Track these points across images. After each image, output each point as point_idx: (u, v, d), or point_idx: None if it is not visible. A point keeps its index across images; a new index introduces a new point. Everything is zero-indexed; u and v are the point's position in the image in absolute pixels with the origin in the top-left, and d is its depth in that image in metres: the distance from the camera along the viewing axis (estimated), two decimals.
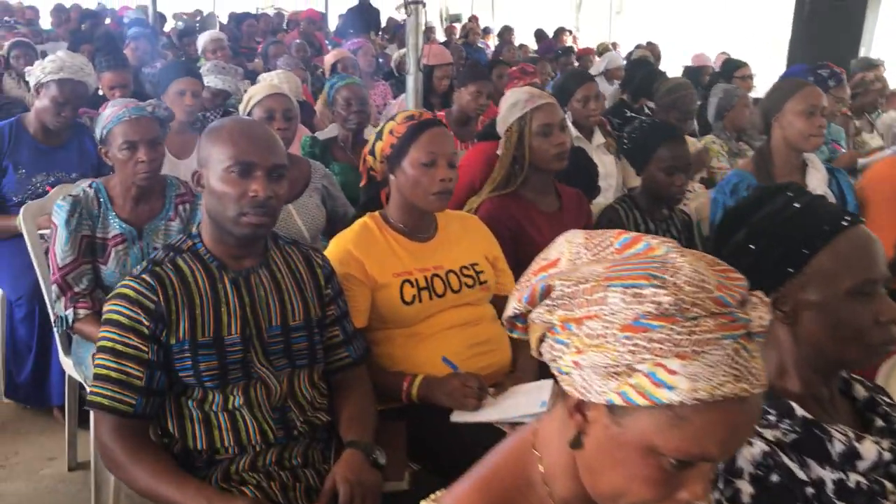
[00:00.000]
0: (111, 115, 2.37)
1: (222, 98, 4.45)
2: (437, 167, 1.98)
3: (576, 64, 8.10)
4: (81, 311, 2.37)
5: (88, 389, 1.65)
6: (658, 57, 7.53)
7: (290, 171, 2.88)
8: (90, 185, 2.47)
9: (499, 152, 2.50)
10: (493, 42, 12.33)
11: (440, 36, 12.88)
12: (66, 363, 2.60)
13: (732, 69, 6.05)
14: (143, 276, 1.64)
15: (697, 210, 3.04)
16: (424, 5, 4.63)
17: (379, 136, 2.06)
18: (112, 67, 4.17)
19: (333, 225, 3.08)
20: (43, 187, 3.14)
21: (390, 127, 2.04)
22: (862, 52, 8.38)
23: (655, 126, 2.76)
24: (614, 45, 11.63)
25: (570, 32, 11.40)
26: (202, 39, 5.70)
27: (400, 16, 12.16)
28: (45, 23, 10.87)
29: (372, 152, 2.09)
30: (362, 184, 2.21)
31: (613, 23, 15.34)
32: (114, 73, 4.15)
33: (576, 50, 8.62)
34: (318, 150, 3.34)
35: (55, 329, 2.52)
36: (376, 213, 2.14)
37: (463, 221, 2.20)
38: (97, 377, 1.62)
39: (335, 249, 2.03)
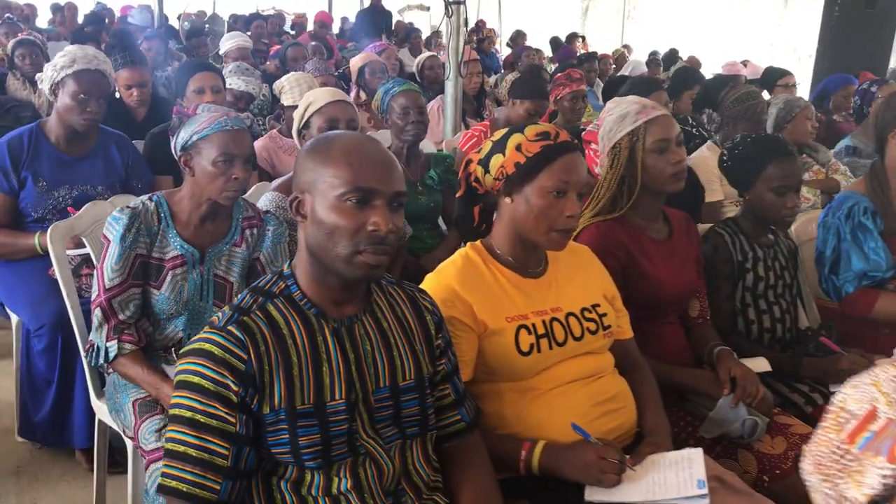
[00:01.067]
0: (209, 121, 2.05)
1: (245, 101, 4.15)
2: (568, 199, 1.68)
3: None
4: (127, 346, 2.05)
5: (160, 470, 1.33)
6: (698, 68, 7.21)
7: None
8: (150, 198, 2.15)
9: (598, 170, 2.19)
10: (501, 47, 12.05)
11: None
12: (99, 407, 2.27)
13: (775, 78, 5.77)
14: (230, 328, 1.32)
15: (796, 234, 2.74)
16: (465, 5, 4.37)
17: (500, 147, 1.73)
18: (128, 65, 3.84)
19: None
20: (65, 202, 2.81)
21: (517, 141, 1.71)
22: (892, 62, 8.16)
23: (763, 141, 2.46)
24: (627, 48, 11.38)
25: (583, 38, 11.12)
26: (226, 43, 5.33)
27: (406, 18, 11.77)
28: (41, 21, 10.54)
29: (484, 163, 1.77)
30: (459, 194, 1.89)
31: (621, 28, 15.10)
32: (130, 70, 3.82)
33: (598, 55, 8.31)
34: None
35: (86, 361, 2.20)
36: (478, 242, 1.82)
37: (574, 253, 1.89)
38: (171, 455, 1.30)
39: (435, 287, 1.71)
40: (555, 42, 11.48)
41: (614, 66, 9.14)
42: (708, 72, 8.03)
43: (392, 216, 1.35)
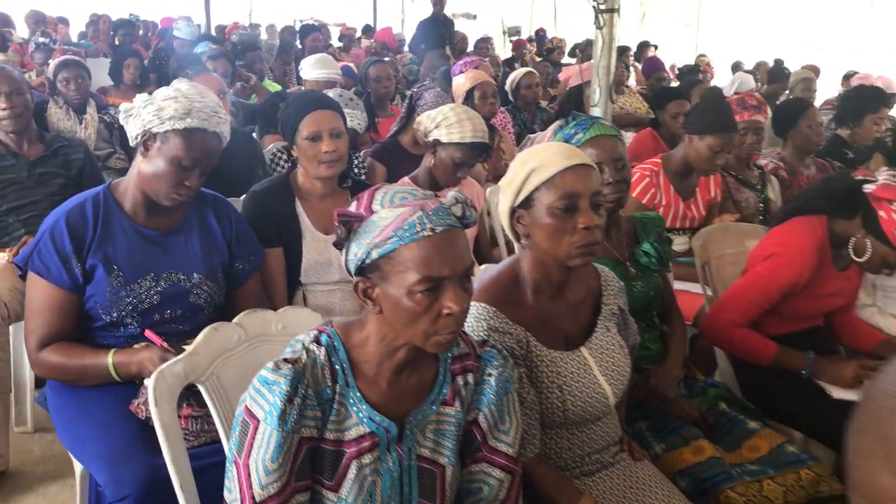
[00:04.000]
0: (397, 224, 1.23)
1: (350, 140, 3.31)
2: None
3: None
4: None
5: None
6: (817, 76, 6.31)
7: (575, 287, 1.75)
8: (316, 339, 1.32)
9: None
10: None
11: (500, 51, 11.75)
12: None
13: None
14: None
15: None
16: (619, 14, 3.54)
17: None
18: (201, 72, 3.16)
19: None
20: (150, 299, 1.98)
21: None
22: None
23: None
24: (704, 57, 10.47)
25: (655, 47, 10.24)
26: (311, 71, 4.38)
27: (464, 27, 10.94)
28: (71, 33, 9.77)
29: None
30: None
31: (682, 36, 14.21)
32: (205, 77, 3.18)
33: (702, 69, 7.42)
34: None
35: None
36: None
37: None
38: None
39: None
40: (619, 51, 10.60)
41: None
42: None
43: None
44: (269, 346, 1.62)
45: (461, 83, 4.24)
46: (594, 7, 3.43)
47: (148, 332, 1.87)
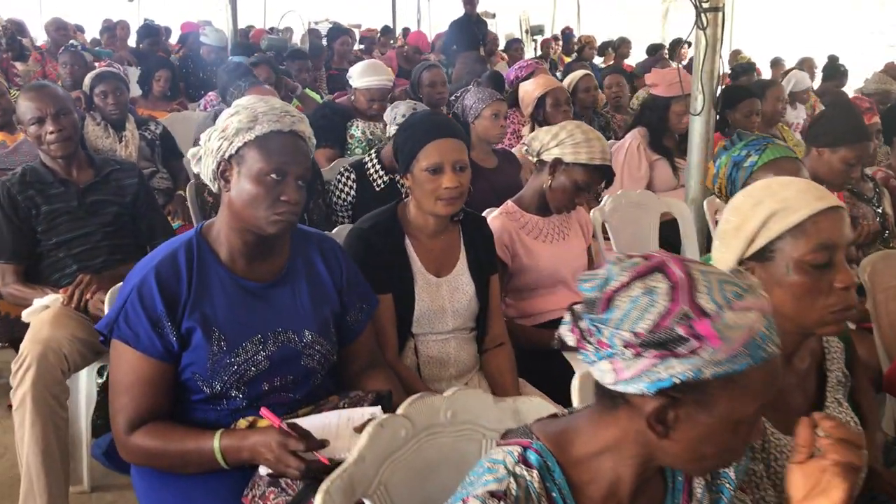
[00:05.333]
0: (745, 335, 0.90)
1: None
2: None
3: None
4: None
5: None
6: None
7: (802, 353, 1.42)
8: (523, 459, 1.00)
9: None
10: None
11: (527, 51, 11.39)
12: None
13: None
14: None
15: None
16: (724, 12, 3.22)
17: None
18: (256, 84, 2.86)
19: None
20: (258, 365, 1.66)
21: None
22: None
23: None
24: (738, 52, 10.12)
25: (689, 44, 9.86)
26: (362, 79, 3.96)
27: (493, 28, 10.61)
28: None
29: None
30: None
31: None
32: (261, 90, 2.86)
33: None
34: None
35: None
36: None
37: None
38: None
39: None
40: (653, 49, 10.28)
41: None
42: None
43: None
44: (438, 441, 1.30)
45: (530, 90, 3.91)
46: (696, 5, 3.11)
47: (264, 411, 1.54)
